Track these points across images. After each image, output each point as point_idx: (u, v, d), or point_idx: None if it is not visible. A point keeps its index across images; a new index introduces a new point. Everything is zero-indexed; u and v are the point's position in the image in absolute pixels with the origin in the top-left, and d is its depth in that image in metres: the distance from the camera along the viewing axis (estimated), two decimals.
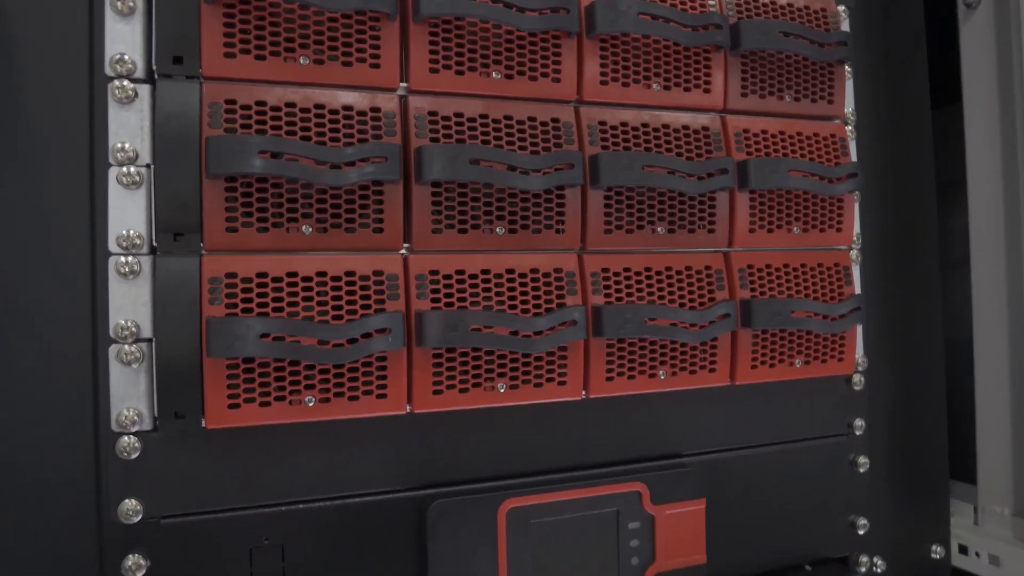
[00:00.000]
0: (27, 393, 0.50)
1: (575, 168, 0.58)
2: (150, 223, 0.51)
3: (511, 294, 0.58)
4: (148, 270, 0.51)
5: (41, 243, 0.51)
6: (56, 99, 0.51)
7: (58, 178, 0.51)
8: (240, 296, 0.51)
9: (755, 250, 0.66)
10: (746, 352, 0.65)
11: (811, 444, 0.70)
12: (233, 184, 0.52)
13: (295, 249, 0.53)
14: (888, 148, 0.77)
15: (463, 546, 0.57)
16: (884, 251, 0.76)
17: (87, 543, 0.51)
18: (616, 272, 0.61)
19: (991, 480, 0.80)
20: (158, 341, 0.50)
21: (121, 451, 0.51)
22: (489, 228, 0.58)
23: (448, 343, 0.54)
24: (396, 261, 0.55)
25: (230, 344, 0.49)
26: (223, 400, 0.51)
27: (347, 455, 0.56)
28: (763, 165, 0.63)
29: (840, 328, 0.67)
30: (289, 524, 0.54)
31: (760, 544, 0.68)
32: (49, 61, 0.51)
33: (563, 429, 0.62)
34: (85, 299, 0.51)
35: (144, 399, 0.51)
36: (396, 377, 0.54)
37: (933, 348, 0.79)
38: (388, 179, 0.53)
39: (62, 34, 0.51)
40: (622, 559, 0.61)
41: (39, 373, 0.50)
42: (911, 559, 0.78)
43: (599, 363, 0.60)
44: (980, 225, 0.81)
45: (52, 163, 0.51)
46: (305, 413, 0.53)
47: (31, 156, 0.51)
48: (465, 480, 0.59)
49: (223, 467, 0.53)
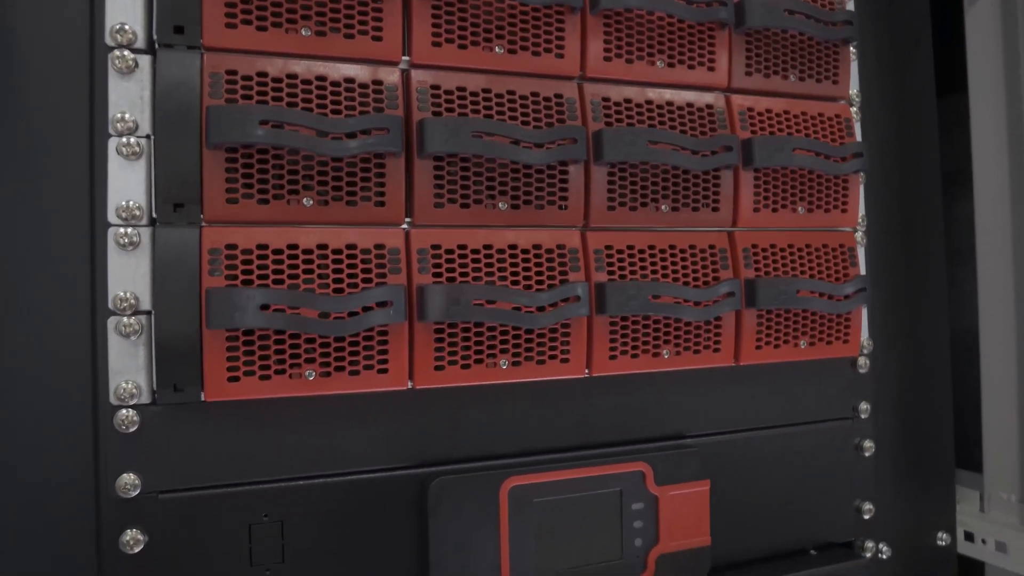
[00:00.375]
0: (25, 366, 0.50)
1: (578, 143, 0.57)
2: (150, 194, 0.51)
3: (513, 270, 0.57)
4: (147, 242, 0.51)
5: (40, 214, 0.50)
6: (56, 69, 0.50)
7: (58, 149, 0.50)
8: (240, 268, 0.51)
9: (759, 230, 0.65)
10: (750, 332, 0.64)
11: (816, 427, 0.70)
12: (234, 155, 0.51)
13: (296, 222, 0.53)
14: (893, 133, 0.77)
15: (465, 524, 0.56)
16: (889, 237, 0.76)
17: (85, 517, 0.50)
18: (619, 250, 0.60)
19: (997, 467, 0.79)
20: (157, 313, 0.50)
21: (119, 424, 0.50)
22: (491, 203, 0.57)
23: (450, 317, 0.53)
24: (398, 235, 0.55)
25: (229, 315, 0.49)
26: (222, 373, 0.50)
27: (348, 431, 0.55)
28: (768, 143, 0.63)
29: (845, 308, 0.66)
30: (289, 500, 0.54)
31: (764, 528, 0.68)
32: (49, 31, 0.51)
33: (566, 408, 0.61)
34: (84, 271, 0.51)
35: (143, 372, 0.51)
36: (397, 352, 0.54)
37: (938, 334, 0.78)
38: (390, 151, 0.53)
39: (62, 3, 0.51)
40: (625, 540, 0.60)
41: (37, 346, 0.50)
42: (917, 546, 0.77)
43: (602, 341, 0.59)
44: (986, 214, 0.81)
45: (52, 133, 0.50)
46: (305, 387, 0.52)
47: (31, 127, 0.50)
48: (467, 458, 0.58)
49: (222, 442, 0.52)
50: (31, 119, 0.50)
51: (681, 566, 0.62)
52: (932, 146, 0.79)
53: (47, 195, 0.50)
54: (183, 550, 0.51)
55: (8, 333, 0.49)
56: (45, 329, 0.50)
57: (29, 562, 0.49)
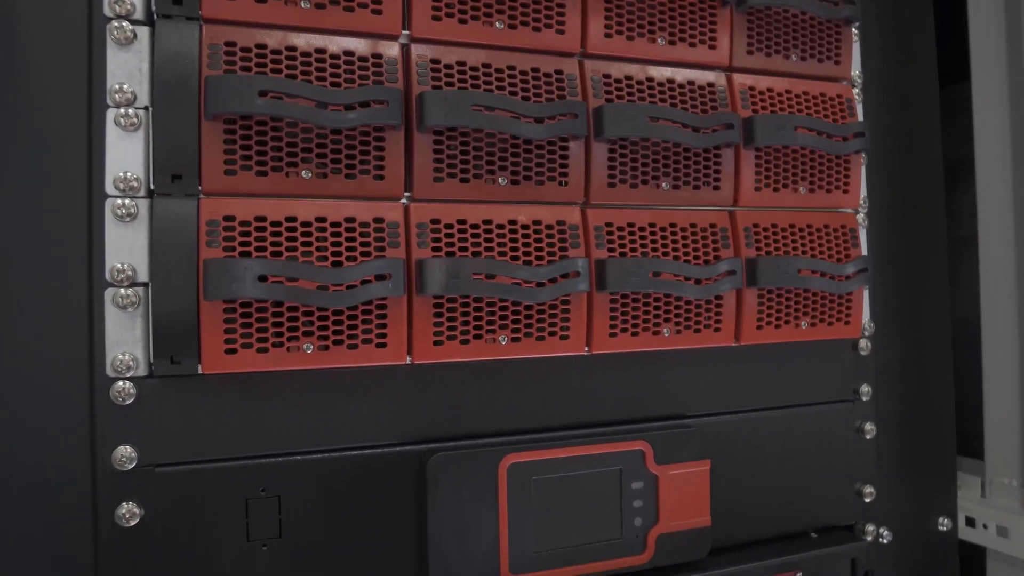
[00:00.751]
0: (22, 337, 0.49)
1: (579, 118, 0.57)
2: (148, 166, 0.51)
3: (513, 245, 0.57)
4: (145, 214, 0.50)
5: (38, 185, 0.50)
6: (55, 40, 0.50)
7: (56, 120, 0.50)
8: (238, 240, 0.51)
9: (761, 209, 0.65)
10: (751, 312, 0.64)
11: (817, 409, 0.69)
12: (232, 126, 0.51)
13: (294, 194, 0.52)
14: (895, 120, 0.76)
15: (463, 501, 0.56)
16: (892, 223, 0.75)
17: (81, 490, 0.50)
18: (620, 227, 0.60)
19: (999, 453, 0.79)
20: (154, 284, 0.50)
21: (116, 396, 0.50)
22: (491, 179, 0.57)
23: (449, 291, 0.53)
24: (397, 209, 0.54)
25: (227, 286, 0.48)
26: (220, 345, 0.50)
27: (347, 406, 0.55)
28: (769, 121, 0.63)
29: (846, 289, 0.66)
30: (286, 475, 0.53)
31: (765, 509, 0.67)
32: (48, 1, 0.50)
33: (566, 386, 0.61)
34: (82, 242, 0.50)
35: (140, 345, 0.50)
36: (396, 326, 0.54)
37: (940, 320, 0.78)
38: (389, 123, 0.53)
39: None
40: (625, 519, 0.60)
41: (34, 317, 0.50)
42: (917, 531, 0.77)
43: (602, 318, 0.59)
44: (988, 203, 0.80)
45: (50, 104, 0.50)
46: (303, 360, 0.52)
47: (29, 98, 0.50)
48: (466, 435, 0.58)
49: (220, 416, 0.52)
50: (29, 90, 0.50)
51: (681, 546, 0.62)
52: (934, 134, 0.78)
53: (45, 166, 0.50)
54: (179, 524, 0.51)
55: (5, 305, 0.49)
56: (42, 301, 0.50)
57: (25, 534, 0.49)
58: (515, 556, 0.57)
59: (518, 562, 0.57)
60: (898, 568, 0.75)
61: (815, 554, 0.66)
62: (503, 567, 0.56)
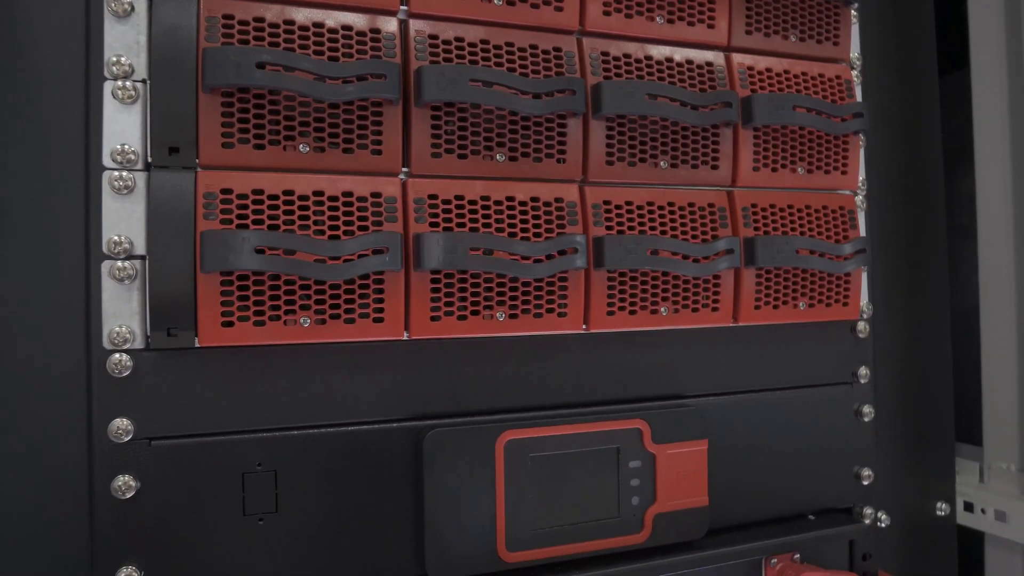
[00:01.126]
0: (19, 310, 0.49)
1: (577, 95, 0.57)
2: (145, 139, 0.50)
3: (511, 222, 0.57)
4: (142, 187, 0.50)
5: (35, 157, 0.50)
6: (51, 12, 0.50)
7: (52, 91, 0.50)
8: (235, 213, 0.51)
9: (759, 189, 0.65)
10: (749, 291, 0.64)
11: (815, 391, 0.69)
12: (230, 99, 0.51)
13: (292, 168, 0.52)
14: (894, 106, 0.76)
15: (460, 477, 0.55)
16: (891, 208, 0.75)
17: (77, 462, 0.50)
18: (618, 205, 0.60)
19: (997, 437, 0.79)
20: (151, 257, 0.50)
21: (112, 368, 0.50)
22: (489, 155, 0.57)
23: (447, 265, 0.53)
24: (395, 184, 0.54)
25: (224, 257, 0.48)
26: (217, 318, 0.50)
27: (344, 382, 0.55)
28: (768, 100, 0.63)
29: (845, 268, 0.66)
30: (283, 450, 0.53)
31: (762, 491, 0.67)
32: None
33: (563, 364, 0.61)
34: (78, 214, 0.50)
35: (137, 317, 0.50)
36: (394, 300, 0.53)
37: (939, 305, 0.78)
38: (387, 97, 0.53)
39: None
40: (623, 498, 0.60)
41: (31, 289, 0.49)
42: (916, 516, 0.77)
43: (600, 296, 0.59)
44: (987, 190, 0.80)
45: (47, 76, 0.50)
46: (300, 334, 0.52)
47: (27, 70, 0.50)
48: (462, 412, 0.58)
49: (216, 389, 0.52)
50: (27, 62, 0.50)
51: (679, 526, 0.62)
52: (934, 120, 0.78)
53: (42, 138, 0.50)
54: (176, 497, 0.51)
55: (2, 278, 0.49)
56: (39, 273, 0.50)
57: (21, 507, 0.49)
58: (512, 533, 0.56)
59: (515, 539, 0.57)
60: (897, 553, 0.75)
61: (813, 535, 0.66)
62: (500, 544, 0.56)
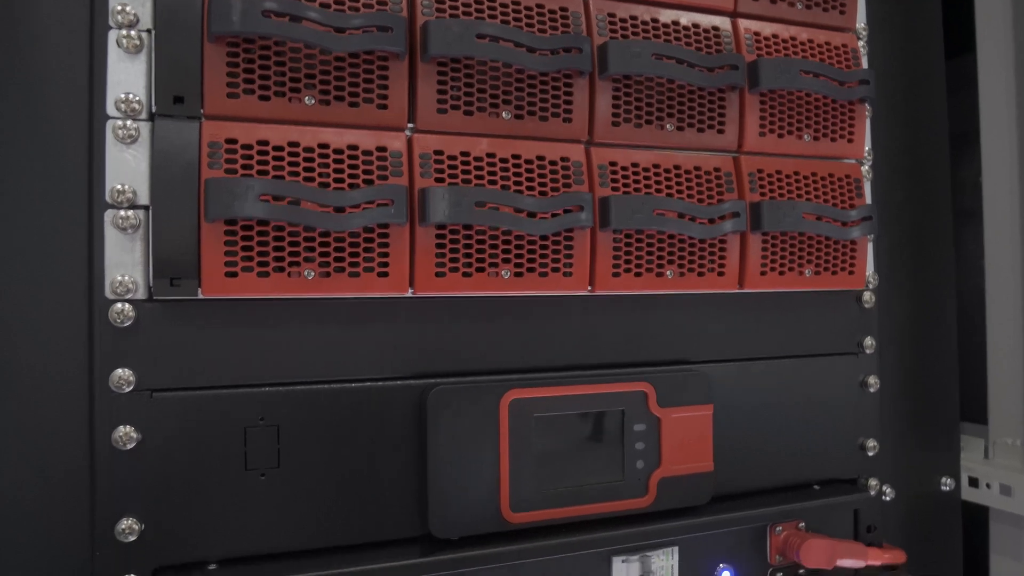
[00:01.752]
0: (20, 257, 0.49)
1: (584, 53, 0.57)
2: (150, 89, 0.50)
3: (516, 179, 0.56)
4: (147, 136, 0.50)
5: (38, 106, 0.49)
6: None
7: (57, 40, 0.50)
8: (240, 163, 0.50)
9: (765, 155, 0.65)
10: (755, 256, 0.64)
11: (821, 360, 0.69)
12: (235, 49, 0.51)
13: (297, 120, 0.52)
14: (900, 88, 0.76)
15: (463, 436, 0.55)
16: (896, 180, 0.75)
17: (77, 412, 0.49)
18: (624, 167, 0.60)
19: (1002, 415, 0.78)
20: (155, 205, 0.49)
21: (114, 318, 0.49)
22: (495, 112, 0.57)
23: (452, 219, 0.53)
24: (400, 139, 0.54)
25: (228, 204, 0.48)
26: (220, 267, 0.50)
27: (348, 338, 0.54)
28: (775, 64, 0.62)
29: (850, 235, 0.65)
30: (286, 405, 0.53)
31: (767, 460, 0.67)
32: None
33: (568, 326, 0.60)
34: (82, 164, 0.50)
35: (139, 268, 0.50)
36: (398, 255, 0.53)
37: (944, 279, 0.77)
38: (393, 51, 0.52)
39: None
40: (627, 461, 0.59)
41: (33, 237, 0.49)
42: (920, 491, 0.76)
43: (605, 257, 0.59)
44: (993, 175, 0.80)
45: (51, 24, 0.50)
46: (304, 287, 0.51)
47: (29, 18, 0.49)
48: (466, 372, 0.57)
49: (219, 342, 0.52)
50: (30, 11, 0.49)
51: (683, 491, 0.61)
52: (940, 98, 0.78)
53: (46, 87, 0.50)
54: (177, 450, 0.50)
55: (4, 225, 0.49)
56: (41, 221, 0.49)
57: (20, 454, 0.48)
58: (516, 494, 0.56)
59: (519, 500, 0.56)
60: (901, 527, 0.74)
61: (818, 504, 0.66)
62: (504, 504, 0.56)
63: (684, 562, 0.62)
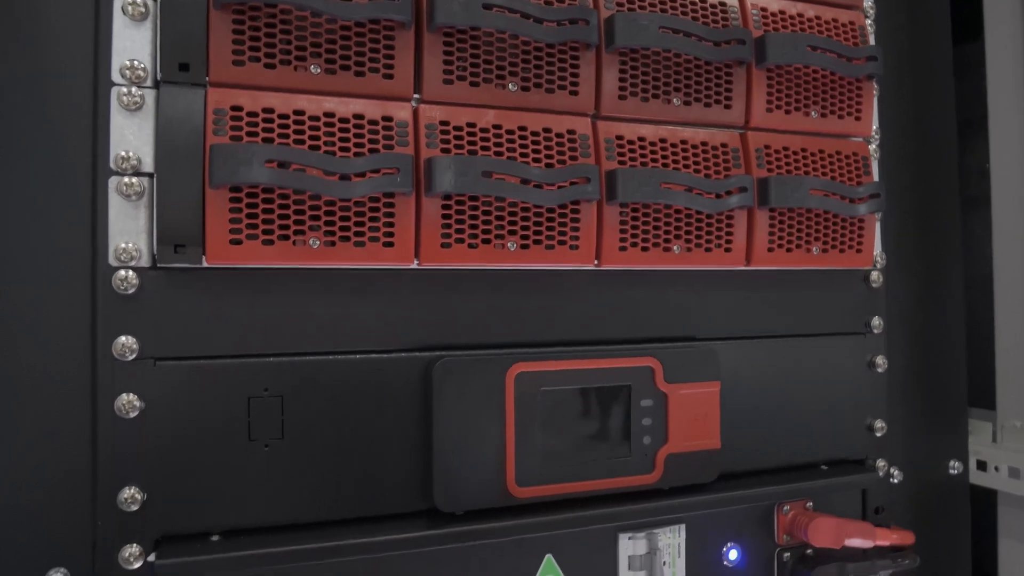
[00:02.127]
0: (23, 223, 0.49)
1: (590, 25, 0.56)
2: (155, 56, 0.50)
3: (523, 151, 0.56)
4: (152, 104, 0.50)
5: (42, 72, 0.49)
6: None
7: (61, 5, 0.50)
8: (245, 130, 0.50)
9: (773, 131, 0.64)
10: (762, 233, 0.63)
11: (829, 339, 0.68)
12: (241, 16, 0.50)
13: (302, 89, 0.52)
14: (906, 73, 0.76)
15: (469, 408, 0.54)
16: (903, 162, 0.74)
17: (80, 379, 0.49)
18: (631, 140, 0.59)
19: (1010, 397, 0.78)
20: (159, 172, 0.49)
21: (118, 285, 0.49)
22: (501, 83, 0.56)
23: (458, 189, 0.52)
24: (406, 109, 0.54)
25: (234, 169, 0.48)
26: (225, 235, 0.49)
27: (353, 309, 0.54)
28: (782, 39, 0.62)
29: (858, 212, 0.65)
30: (290, 376, 0.52)
31: (774, 439, 0.66)
32: None
33: (574, 301, 0.60)
34: (86, 130, 0.50)
35: (144, 235, 0.50)
36: (404, 225, 0.53)
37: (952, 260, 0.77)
38: (399, 19, 0.52)
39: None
40: (634, 437, 0.59)
41: (36, 205, 0.49)
42: (928, 474, 0.75)
43: (612, 230, 0.58)
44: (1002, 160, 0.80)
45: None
46: (309, 256, 0.51)
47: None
48: (471, 345, 0.57)
49: (223, 312, 0.51)
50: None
51: (690, 468, 0.61)
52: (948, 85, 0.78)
53: (49, 54, 0.49)
54: (181, 419, 0.50)
55: (6, 192, 0.48)
56: (45, 189, 0.49)
57: (23, 422, 0.48)
58: (521, 468, 0.55)
59: (524, 474, 0.56)
60: (909, 509, 0.74)
61: (826, 483, 0.65)
62: (509, 479, 0.55)
63: (691, 540, 0.62)
